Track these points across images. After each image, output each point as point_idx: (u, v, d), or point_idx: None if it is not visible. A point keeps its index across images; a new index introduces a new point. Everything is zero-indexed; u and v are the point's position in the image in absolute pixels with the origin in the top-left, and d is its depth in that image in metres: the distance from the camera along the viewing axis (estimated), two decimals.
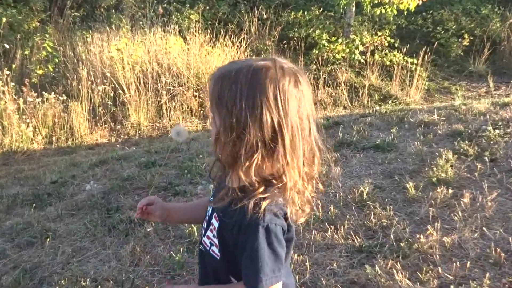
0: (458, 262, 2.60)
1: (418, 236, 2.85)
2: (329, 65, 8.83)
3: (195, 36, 8.44)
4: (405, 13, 8.84)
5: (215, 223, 1.24)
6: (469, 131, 4.21)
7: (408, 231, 2.92)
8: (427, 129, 4.69)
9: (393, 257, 2.69)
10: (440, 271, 2.56)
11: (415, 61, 8.54)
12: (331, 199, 3.40)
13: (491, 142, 3.89)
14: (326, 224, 3.07)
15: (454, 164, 3.64)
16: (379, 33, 9.13)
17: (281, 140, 1.11)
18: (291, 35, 9.50)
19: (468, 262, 2.57)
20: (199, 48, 8.28)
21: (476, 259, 2.66)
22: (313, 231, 3.00)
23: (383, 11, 8.94)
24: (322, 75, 8.41)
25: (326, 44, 9.00)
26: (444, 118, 4.91)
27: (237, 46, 8.46)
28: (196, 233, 3.04)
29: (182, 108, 7.36)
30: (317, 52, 8.96)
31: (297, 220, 1.21)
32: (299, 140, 1.14)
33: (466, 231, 2.86)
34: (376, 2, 8.71)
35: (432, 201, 3.25)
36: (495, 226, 2.92)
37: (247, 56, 8.61)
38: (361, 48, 8.98)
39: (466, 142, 3.95)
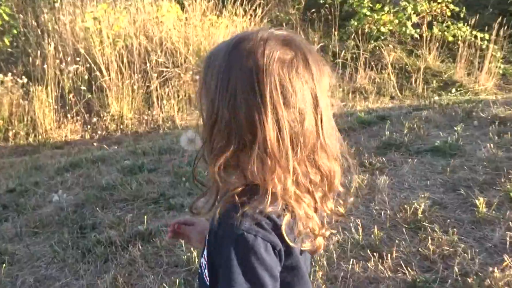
0: None
1: (491, 269, 2.83)
2: (372, 41, 8.82)
3: (196, 2, 8.49)
4: None
5: (207, 237, 1.26)
6: None
7: (477, 262, 2.90)
8: (503, 127, 4.64)
9: None
10: None
11: (486, 36, 8.49)
12: (375, 218, 3.39)
13: None
14: (368, 251, 3.06)
15: None
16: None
17: (261, 134, 1.11)
18: (321, 2, 9.50)
19: None
20: (200, 17, 8.33)
21: None
22: (351, 260, 2.99)
23: None
24: (363, 54, 8.40)
25: (368, 13, 8.99)
26: None
27: (251, 15, 8.48)
28: (196, 260, 3.05)
29: (178, 96, 7.41)
30: (356, 24, 8.96)
31: (302, 244, 1.20)
32: (291, 137, 1.13)
33: None
34: None
35: (510, 222, 3.23)
36: None
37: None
38: (415, 19, 8.95)
39: None
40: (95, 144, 6.27)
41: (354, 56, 8.51)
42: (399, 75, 8.35)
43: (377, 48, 8.80)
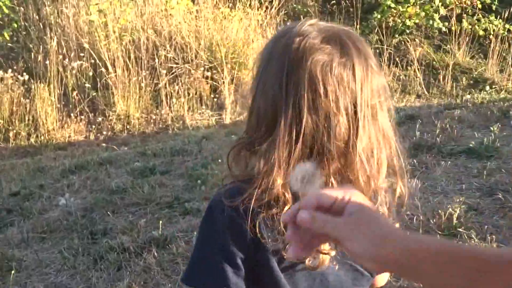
0: None
1: None
2: (397, 35, 8.82)
3: None
4: None
5: None
6: None
7: None
8: None
9: None
10: None
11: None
12: (407, 224, 3.40)
13: None
14: None
15: None
16: None
17: (276, 135, 1.17)
18: None
19: None
20: (212, 10, 8.36)
21: None
22: None
23: None
24: (387, 49, 8.40)
25: (393, 5, 8.98)
26: None
27: (266, 7, 8.51)
28: None
29: (189, 94, 7.44)
30: (379, 17, 8.95)
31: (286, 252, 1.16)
32: (312, 145, 1.17)
33: None
34: None
35: None
36: None
37: (279, 22, 8.67)
38: (443, 11, 8.93)
39: None
40: (100, 145, 6.31)
41: (377, 51, 8.50)
42: (426, 71, 8.34)
43: (402, 42, 8.79)
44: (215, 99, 7.56)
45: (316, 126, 1.14)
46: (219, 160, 4.55)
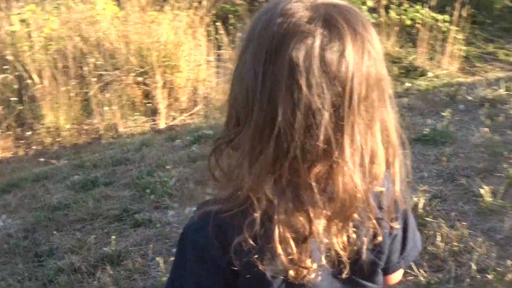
0: None
1: (509, 262, 2.80)
2: None
3: None
4: None
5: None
6: None
7: (494, 256, 2.87)
8: (494, 109, 4.70)
9: None
10: None
11: (447, 18, 8.56)
12: None
13: None
14: None
15: None
16: None
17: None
18: None
19: None
20: (139, 14, 8.11)
21: None
22: None
23: None
24: None
25: None
26: None
27: (196, 8, 8.32)
28: None
29: (121, 102, 7.17)
30: None
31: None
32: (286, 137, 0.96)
33: None
34: None
35: None
36: None
37: (208, 22, 8.49)
38: (370, 3, 8.96)
39: None
40: (40, 159, 5.98)
41: None
42: None
43: None
44: (148, 105, 7.32)
45: (294, 123, 0.94)
46: (167, 166, 4.38)
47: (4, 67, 7.13)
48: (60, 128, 6.89)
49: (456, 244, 3.00)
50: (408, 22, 8.84)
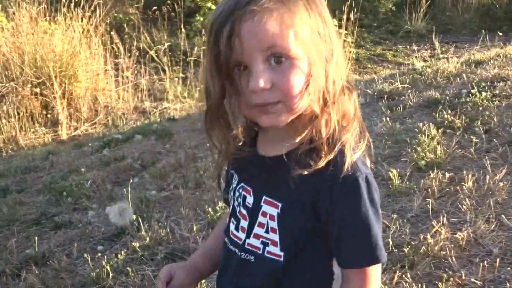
0: (482, 263, 2.74)
1: (422, 236, 2.96)
2: None
3: (21, 7, 8.02)
4: None
5: (270, 210, 1.26)
6: (448, 97, 4.52)
7: (407, 233, 3.02)
8: (392, 101, 4.94)
9: (398, 268, 2.77)
10: (463, 277, 2.68)
11: (335, 22, 8.90)
12: None
13: (480, 109, 4.20)
14: None
15: (441, 141, 3.86)
16: None
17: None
18: None
19: (496, 262, 2.73)
20: (31, 25, 7.89)
21: (502, 256, 2.83)
22: None
23: None
24: None
25: (214, 7, 9.08)
26: (409, 86, 5.21)
27: (89, 17, 8.20)
28: (111, 275, 2.88)
29: (18, 114, 6.97)
30: (202, 19, 9.01)
31: None
32: None
33: (480, 223, 3.04)
34: None
35: (425, 191, 3.40)
36: None
37: (103, 32, 8.39)
38: None
39: (448, 111, 4.23)
40: None
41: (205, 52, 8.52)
42: None
43: None
44: (48, 116, 7.15)
45: None
46: (82, 169, 4.32)
47: None
48: None
49: None
50: None
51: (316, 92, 1.18)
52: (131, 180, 4.08)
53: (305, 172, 1.19)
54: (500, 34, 8.66)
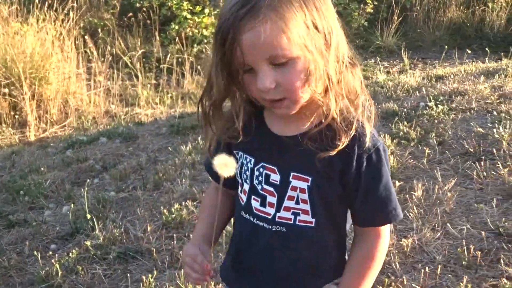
0: (424, 269, 2.81)
1: None
2: (196, 45, 8.96)
3: None
4: None
5: (300, 184, 1.39)
6: (405, 110, 4.58)
7: None
8: None
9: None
10: (404, 282, 2.75)
11: None
12: None
13: (435, 121, 4.28)
14: None
15: (395, 151, 3.93)
16: None
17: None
18: (138, 5, 9.48)
19: (438, 268, 2.80)
20: (2, 24, 7.87)
21: (445, 263, 2.90)
22: None
23: None
24: (188, 58, 8.50)
25: (189, 16, 9.13)
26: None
27: (62, 20, 8.20)
28: (60, 273, 2.89)
29: None
30: (177, 27, 9.06)
31: None
32: None
33: (426, 231, 3.11)
34: None
35: None
36: (459, 221, 3.21)
37: (76, 35, 8.39)
38: None
39: (405, 123, 4.30)
40: None
41: (179, 60, 8.59)
42: None
43: (202, 51, 8.95)
44: (16, 117, 7.12)
45: None
46: (42, 169, 4.32)
47: None
48: None
49: None
50: None
51: (317, 81, 1.30)
52: (88, 181, 4.09)
53: (331, 152, 1.33)
54: (469, 52, 8.80)
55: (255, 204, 1.46)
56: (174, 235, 3.32)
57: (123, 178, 4.19)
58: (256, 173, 1.45)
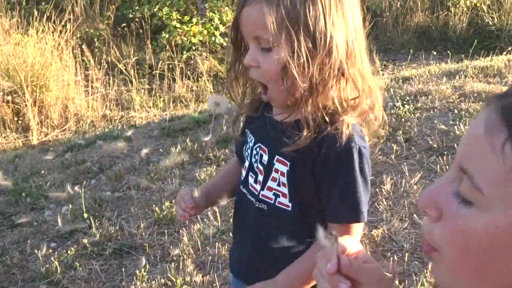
0: (393, 257, 2.82)
1: None
2: (185, 52, 8.94)
3: None
4: None
5: (281, 167, 1.38)
6: None
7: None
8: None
9: None
10: None
11: None
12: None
13: (402, 120, 4.30)
14: (231, 234, 3.12)
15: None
16: None
17: (359, 56, 1.31)
18: (130, 16, 9.45)
19: (406, 256, 2.81)
20: (4, 36, 7.82)
21: (412, 251, 2.92)
22: (216, 244, 3.02)
23: None
24: (178, 65, 8.49)
25: (178, 25, 9.11)
26: None
27: (60, 31, 8.16)
28: (59, 270, 2.88)
29: None
30: (167, 36, 9.03)
31: None
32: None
33: (394, 221, 3.13)
34: None
35: None
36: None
37: (74, 45, 8.35)
38: (222, 28, 9.23)
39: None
40: None
41: (170, 67, 8.56)
42: (215, 81, 8.56)
43: (191, 58, 8.94)
44: (19, 122, 7.08)
45: None
46: (43, 171, 4.29)
47: None
48: None
49: None
50: None
51: (291, 80, 1.26)
52: (86, 182, 4.08)
53: (303, 143, 1.30)
54: (435, 53, 8.82)
55: (251, 180, 1.47)
56: (165, 231, 3.32)
57: (118, 178, 4.17)
58: (254, 152, 1.46)
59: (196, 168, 4.05)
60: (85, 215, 3.44)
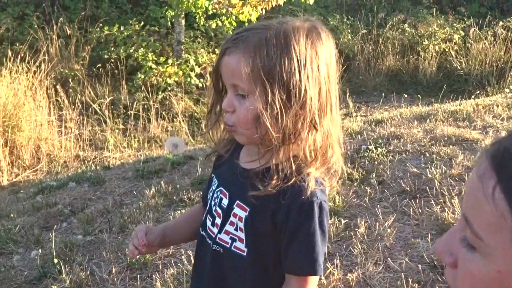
0: None
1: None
2: (160, 93, 8.95)
3: None
4: (246, 25, 9.41)
5: (240, 212, 1.39)
6: (349, 152, 4.61)
7: None
8: None
9: None
10: None
11: None
12: None
13: (375, 163, 4.32)
14: None
15: (340, 191, 3.94)
16: (218, 51, 9.54)
17: (330, 107, 1.33)
18: (106, 56, 9.45)
19: None
20: None
21: None
22: None
23: (220, 23, 9.41)
24: (153, 105, 8.48)
25: (154, 66, 9.14)
26: None
27: (35, 71, 8.11)
28: None
29: None
30: (143, 76, 9.05)
31: None
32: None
33: (369, 265, 3.10)
34: (211, 13, 9.14)
35: None
36: (398, 255, 3.22)
37: (48, 85, 8.29)
38: (198, 70, 9.29)
39: (349, 165, 4.32)
40: None
41: (145, 107, 8.55)
42: (190, 122, 8.56)
43: (166, 98, 8.94)
44: None
45: None
46: (12, 215, 4.19)
47: None
48: None
49: None
50: None
51: (263, 128, 1.28)
52: (56, 226, 3.98)
53: (272, 190, 1.31)
54: (406, 96, 8.97)
55: (208, 223, 1.48)
56: (138, 276, 3.24)
57: (90, 221, 4.09)
58: (215, 195, 1.48)
59: (171, 211, 3.99)
60: (55, 260, 3.34)
